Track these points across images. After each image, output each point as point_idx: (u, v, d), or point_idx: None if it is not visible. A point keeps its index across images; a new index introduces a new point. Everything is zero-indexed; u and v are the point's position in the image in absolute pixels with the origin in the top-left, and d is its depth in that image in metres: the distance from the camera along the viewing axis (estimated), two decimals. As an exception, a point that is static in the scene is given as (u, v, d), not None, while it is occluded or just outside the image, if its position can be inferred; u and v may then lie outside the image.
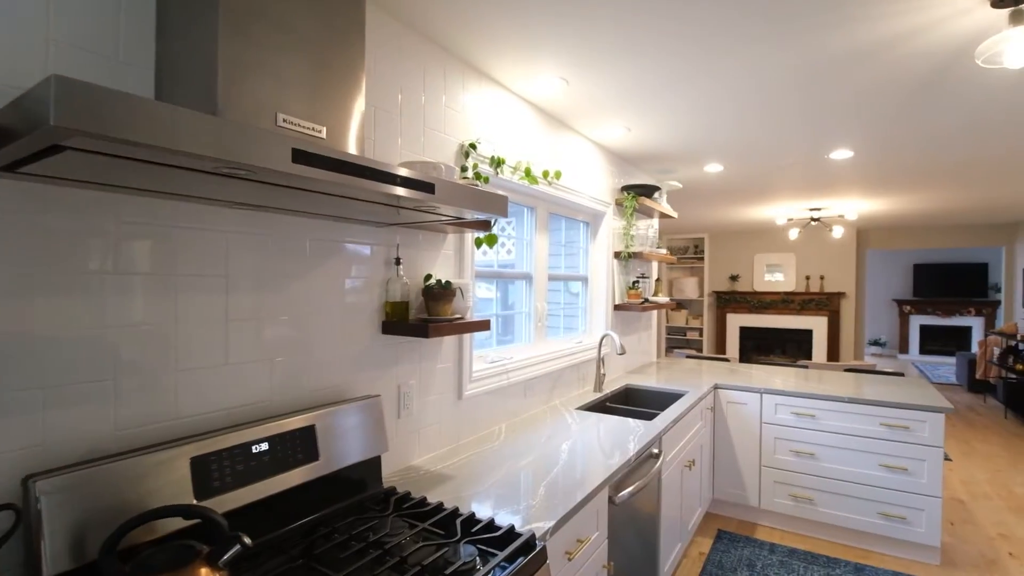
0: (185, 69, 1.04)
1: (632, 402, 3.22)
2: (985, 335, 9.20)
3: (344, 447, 1.40)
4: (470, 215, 1.38)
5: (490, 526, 1.30)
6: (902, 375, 3.65)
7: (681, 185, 4.14)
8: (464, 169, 1.99)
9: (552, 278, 2.94)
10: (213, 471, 1.10)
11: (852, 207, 5.67)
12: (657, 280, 4.08)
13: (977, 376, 7.04)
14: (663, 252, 3.71)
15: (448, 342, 1.97)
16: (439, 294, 1.69)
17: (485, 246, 2.12)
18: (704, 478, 3.14)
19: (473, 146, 2.01)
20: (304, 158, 0.85)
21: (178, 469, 1.06)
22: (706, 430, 3.16)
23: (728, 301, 8.68)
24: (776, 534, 3.15)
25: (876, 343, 11.01)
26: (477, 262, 2.30)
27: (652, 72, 2.11)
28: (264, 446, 1.20)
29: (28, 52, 0.94)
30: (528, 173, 2.32)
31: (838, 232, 6.16)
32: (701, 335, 8.81)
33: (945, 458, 2.70)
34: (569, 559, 1.46)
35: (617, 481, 1.81)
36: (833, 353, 7.96)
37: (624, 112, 2.61)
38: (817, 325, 8.03)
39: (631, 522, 1.99)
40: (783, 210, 5.96)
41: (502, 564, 1.15)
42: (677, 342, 9.01)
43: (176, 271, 1.15)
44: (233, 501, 1.12)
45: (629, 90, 2.31)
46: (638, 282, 3.63)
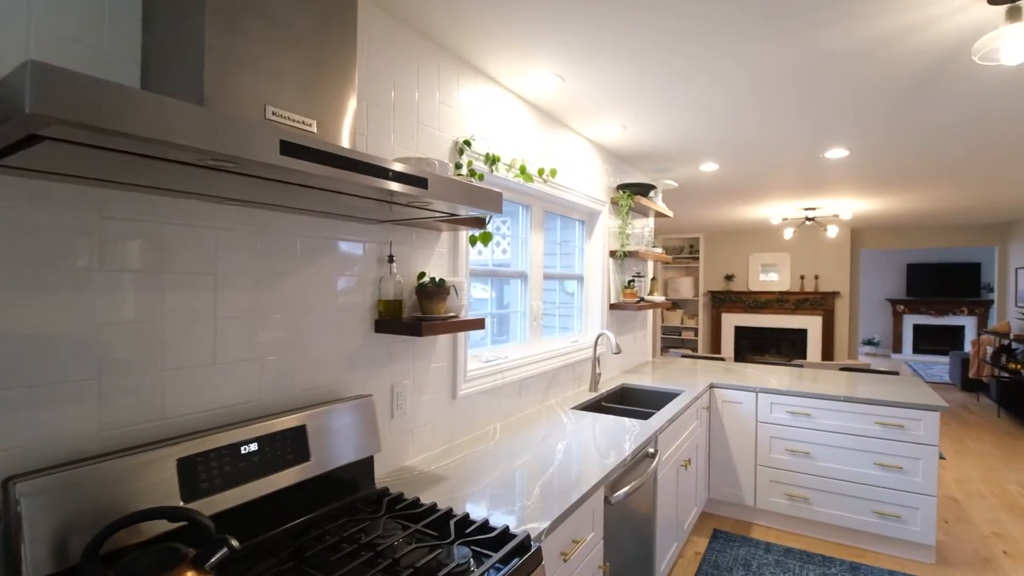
0: (171, 60, 1.01)
1: (628, 401, 3.21)
2: (978, 334, 9.25)
3: (336, 447, 1.38)
4: (464, 211, 1.36)
5: (484, 527, 1.28)
6: (897, 374, 3.66)
7: (677, 184, 4.14)
8: (458, 166, 1.96)
9: (547, 277, 2.93)
10: (200, 472, 1.08)
11: (847, 207, 5.68)
12: (653, 279, 4.07)
13: (970, 375, 7.08)
14: (659, 251, 3.70)
15: (442, 341, 1.95)
16: (433, 292, 1.67)
17: (480, 244, 2.10)
18: (700, 477, 3.13)
19: (468, 143, 1.99)
20: (293, 150, 0.83)
21: (164, 470, 1.03)
22: (702, 429, 3.15)
23: (723, 301, 8.69)
24: (772, 533, 3.15)
25: (870, 342, 11.06)
26: (472, 261, 2.28)
27: (649, 70, 2.10)
28: (253, 446, 1.17)
29: (8, 42, 0.91)
30: (523, 171, 2.30)
31: (832, 232, 6.17)
32: (696, 335, 8.82)
33: (939, 457, 2.71)
34: (565, 560, 1.45)
35: (613, 481, 1.80)
36: (827, 352, 7.98)
37: (620, 110, 2.60)
38: (812, 325, 8.05)
39: (627, 522, 1.98)
40: (778, 210, 5.96)
41: (496, 566, 1.13)
42: (672, 342, 9.02)
43: (163, 268, 1.12)
44: (221, 503, 1.10)
45: (626, 88, 2.30)
46: (634, 281, 3.62)
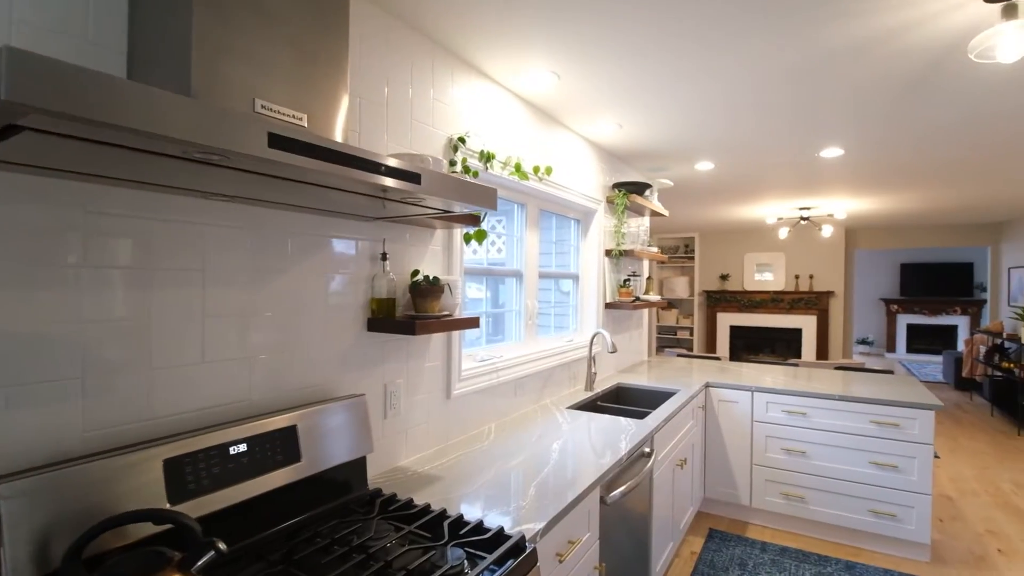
0: (158, 51, 0.99)
1: (623, 401, 3.20)
2: (971, 334, 9.31)
3: (327, 448, 1.36)
4: (458, 208, 1.34)
5: (479, 528, 1.26)
6: (891, 373, 3.66)
7: (672, 183, 4.13)
8: (453, 163, 1.94)
9: (543, 276, 2.91)
10: (188, 474, 1.05)
11: (841, 206, 5.69)
12: (648, 279, 4.06)
13: (963, 374, 7.12)
14: (654, 250, 3.69)
15: (436, 340, 1.93)
16: (427, 290, 1.64)
17: (475, 243, 2.08)
18: (695, 477, 3.12)
19: (462, 140, 1.97)
20: (281, 143, 0.81)
21: (150, 472, 1.01)
22: (697, 429, 3.15)
23: (718, 300, 8.71)
24: (767, 532, 3.14)
25: (864, 342, 11.11)
26: (467, 260, 2.26)
27: (646, 68, 2.09)
28: (242, 447, 1.15)
29: (-12, 31, 0.89)
30: (518, 168, 2.28)
31: (827, 231, 6.19)
32: (692, 334, 8.83)
33: (934, 455, 2.71)
34: (560, 561, 1.43)
35: (609, 481, 1.78)
36: (822, 352, 8.01)
37: (616, 108, 2.58)
38: (806, 324, 8.08)
39: (623, 522, 1.96)
40: (773, 209, 5.97)
41: (491, 567, 1.11)
42: (668, 341, 9.03)
43: (150, 265, 1.10)
44: (209, 505, 1.08)
45: (622, 85, 2.28)
46: (629, 280, 3.61)
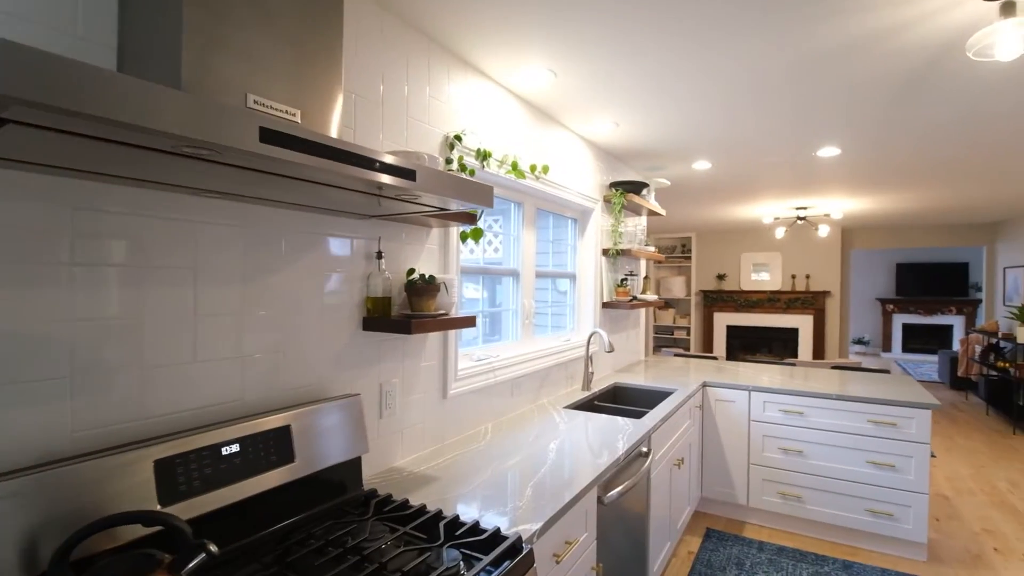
0: (148, 46, 0.97)
1: (620, 401, 3.19)
2: (966, 333, 9.35)
3: (322, 448, 1.34)
4: (454, 205, 1.33)
5: (475, 529, 1.25)
6: (888, 372, 3.67)
7: (669, 182, 4.13)
8: (449, 161, 1.93)
9: (540, 275, 2.90)
10: (179, 474, 1.04)
11: (838, 206, 5.70)
12: (645, 278, 4.05)
13: (959, 373, 7.14)
14: (651, 250, 3.69)
15: (432, 339, 1.92)
16: (422, 289, 1.63)
17: (471, 242, 2.07)
18: (693, 477, 3.12)
19: (458, 138, 1.96)
20: (273, 138, 0.79)
21: (141, 472, 0.99)
22: (695, 428, 3.14)
23: (715, 300, 8.71)
24: (765, 532, 3.14)
25: (860, 341, 11.14)
26: (463, 260, 2.25)
27: (644, 66, 2.08)
28: (235, 447, 1.13)
29: (-27, 23, 0.87)
30: (515, 167, 2.27)
31: (824, 231, 6.19)
32: (688, 334, 8.83)
33: (930, 455, 2.71)
34: (557, 562, 1.42)
35: (606, 481, 1.77)
36: (818, 351, 8.02)
37: (613, 106, 2.57)
38: (803, 324, 8.09)
39: (620, 522, 1.95)
40: (770, 209, 5.98)
41: (487, 569, 1.10)
42: (665, 341, 9.03)
43: (141, 263, 1.08)
44: (201, 506, 1.06)
45: (619, 83, 2.27)
46: (626, 280, 3.60)
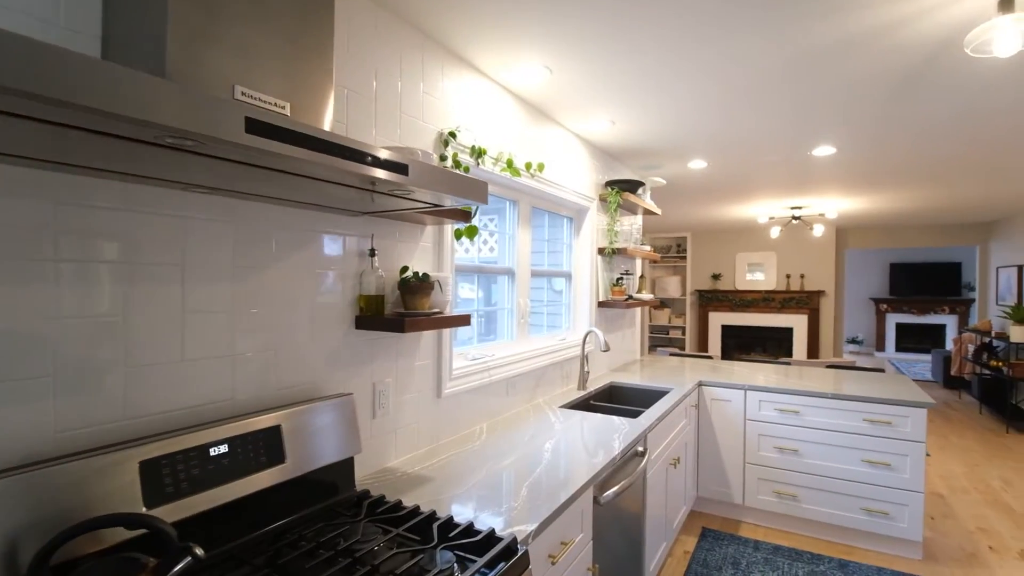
0: (133, 35, 0.95)
1: (616, 400, 3.17)
2: (959, 333, 9.40)
3: (313, 448, 1.32)
4: (449, 201, 1.31)
5: (469, 530, 1.23)
6: (882, 371, 3.67)
7: (665, 181, 4.12)
8: (443, 158, 1.91)
9: (535, 274, 2.88)
10: (165, 476, 1.01)
11: (832, 206, 5.71)
12: (641, 277, 4.04)
13: (952, 372, 7.17)
14: (647, 249, 3.67)
15: (427, 338, 1.90)
16: (416, 287, 1.61)
17: (466, 240, 2.05)
18: (689, 476, 3.11)
19: (453, 135, 1.93)
20: (259, 128, 0.77)
21: (125, 474, 0.97)
22: (690, 427, 3.13)
23: (710, 300, 8.72)
24: (760, 531, 3.13)
25: (854, 341, 11.18)
26: (458, 259, 2.22)
27: (640, 63, 2.06)
28: (223, 448, 1.11)
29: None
30: (510, 164, 2.25)
31: (819, 230, 6.21)
32: (684, 333, 8.84)
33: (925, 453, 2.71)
34: (553, 563, 1.40)
35: (602, 481, 1.76)
36: (813, 351, 8.04)
37: (609, 104, 2.56)
38: (797, 323, 8.11)
39: (616, 522, 1.94)
40: (765, 208, 5.98)
41: (482, 571, 1.08)
42: (660, 340, 9.03)
43: (126, 259, 1.05)
44: (189, 508, 1.04)
45: (615, 81, 2.26)
46: (622, 279, 3.59)
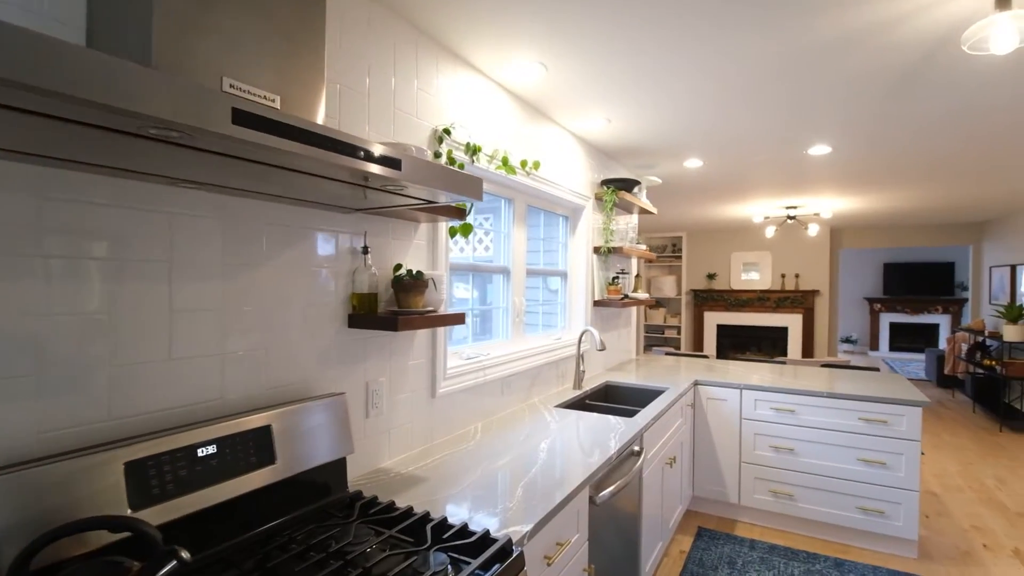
0: (119, 25, 0.92)
1: (612, 399, 3.16)
2: (952, 332, 9.45)
3: (305, 449, 1.30)
4: (443, 198, 1.29)
5: (463, 531, 1.21)
6: (877, 370, 3.67)
7: (661, 180, 4.11)
8: (438, 155, 1.89)
9: (530, 273, 2.86)
10: (151, 477, 0.99)
11: (827, 205, 5.72)
12: (636, 277, 4.03)
13: (946, 372, 7.20)
14: (643, 248, 3.66)
15: (421, 337, 1.88)
16: (410, 285, 1.59)
17: (460, 238, 2.03)
18: (684, 475, 3.10)
19: (447, 131, 1.91)
20: (247, 120, 0.75)
21: (110, 475, 0.94)
22: (686, 427, 3.12)
23: (705, 299, 8.73)
24: (756, 530, 3.13)
25: (847, 340, 11.23)
26: (453, 257, 2.20)
27: (637, 61, 2.05)
28: (212, 448, 1.09)
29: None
30: (505, 162, 2.23)
31: (814, 230, 6.22)
32: (679, 333, 8.85)
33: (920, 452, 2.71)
34: (548, 564, 1.38)
35: (598, 480, 1.74)
36: (807, 350, 8.06)
37: (605, 102, 2.54)
38: (792, 322, 8.13)
39: (612, 522, 1.92)
40: (760, 208, 5.99)
41: (476, 573, 1.06)
42: (655, 340, 9.04)
43: (113, 255, 1.03)
44: (175, 510, 1.01)
45: (611, 78, 2.24)
46: (618, 278, 3.57)
